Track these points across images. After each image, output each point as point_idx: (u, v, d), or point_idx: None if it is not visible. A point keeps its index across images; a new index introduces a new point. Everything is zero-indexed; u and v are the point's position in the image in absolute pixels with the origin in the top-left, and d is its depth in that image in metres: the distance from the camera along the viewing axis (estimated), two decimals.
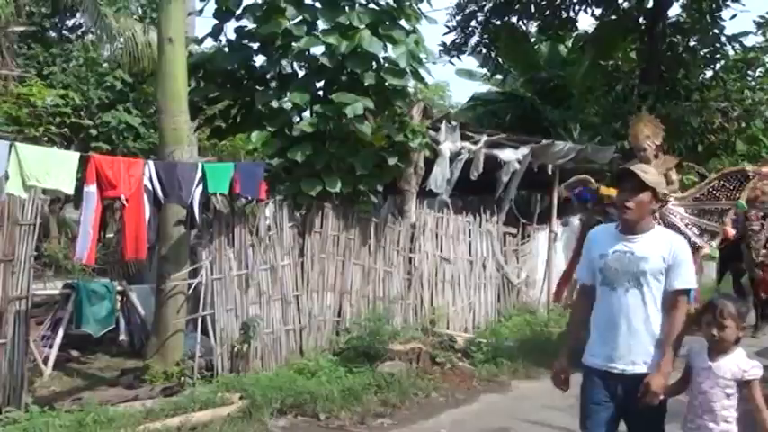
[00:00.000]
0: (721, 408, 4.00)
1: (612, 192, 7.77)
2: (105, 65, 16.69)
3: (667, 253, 4.14)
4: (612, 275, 4.22)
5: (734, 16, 18.03)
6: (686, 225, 8.83)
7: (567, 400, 7.79)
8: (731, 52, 18.70)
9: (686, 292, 4.16)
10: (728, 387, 3.99)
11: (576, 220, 13.21)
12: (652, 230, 4.25)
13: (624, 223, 4.24)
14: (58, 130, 14.41)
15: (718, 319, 3.97)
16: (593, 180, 9.56)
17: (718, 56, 18.38)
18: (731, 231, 9.30)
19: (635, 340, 4.14)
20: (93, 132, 15.36)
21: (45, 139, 14.00)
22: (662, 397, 4.01)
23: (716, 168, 16.09)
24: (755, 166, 10.37)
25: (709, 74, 18.79)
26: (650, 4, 18.25)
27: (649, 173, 4.26)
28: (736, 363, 3.99)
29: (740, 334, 4.02)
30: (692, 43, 18.36)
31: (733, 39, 18.17)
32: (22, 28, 15.74)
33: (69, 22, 18.46)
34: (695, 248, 8.44)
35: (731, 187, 8.79)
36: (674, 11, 18.71)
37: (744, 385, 4.00)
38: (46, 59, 16.40)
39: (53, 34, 18.32)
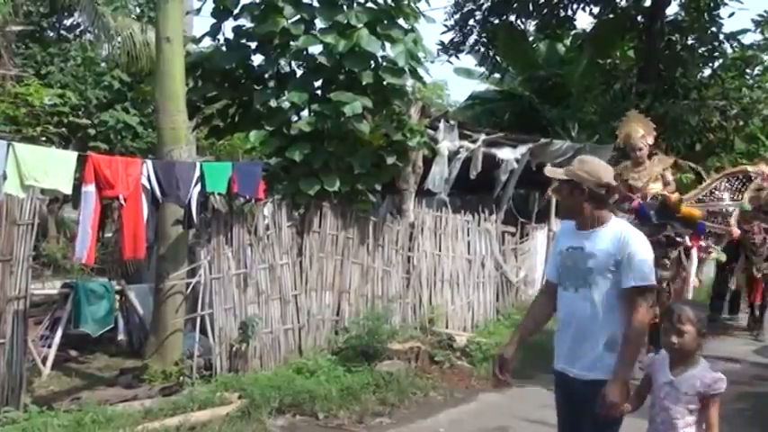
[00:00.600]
0: (684, 425, 3.72)
1: (690, 212, 8.63)
2: (103, 64, 16.72)
3: (616, 248, 3.86)
4: (565, 273, 4.06)
5: (732, 14, 18.05)
6: None
7: None
8: (729, 50, 18.72)
9: (642, 290, 3.81)
10: (692, 403, 3.72)
11: None
12: (607, 224, 3.98)
13: (567, 217, 4.19)
14: (56, 129, 14.42)
15: (676, 325, 3.68)
16: None
17: (716, 54, 18.39)
18: (737, 231, 9.14)
19: (585, 344, 3.93)
20: (92, 132, 15.37)
21: (43, 138, 14.00)
22: (624, 408, 3.79)
23: (714, 167, 16.12)
24: (754, 165, 10.30)
25: (707, 72, 18.80)
26: (648, 3, 18.26)
27: (574, 167, 4.05)
28: (700, 377, 3.70)
29: (701, 341, 3.71)
30: (690, 42, 18.37)
31: (731, 37, 18.18)
32: (19, 27, 15.74)
33: (67, 22, 18.45)
34: (707, 251, 8.79)
35: (733, 188, 8.77)
36: (673, 9, 18.74)
37: (707, 400, 3.72)
38: (44, 59, 16.40)
39: (51, 34, 18.31)
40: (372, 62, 9.64)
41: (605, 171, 4.02)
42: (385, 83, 9.67)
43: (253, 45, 10.00)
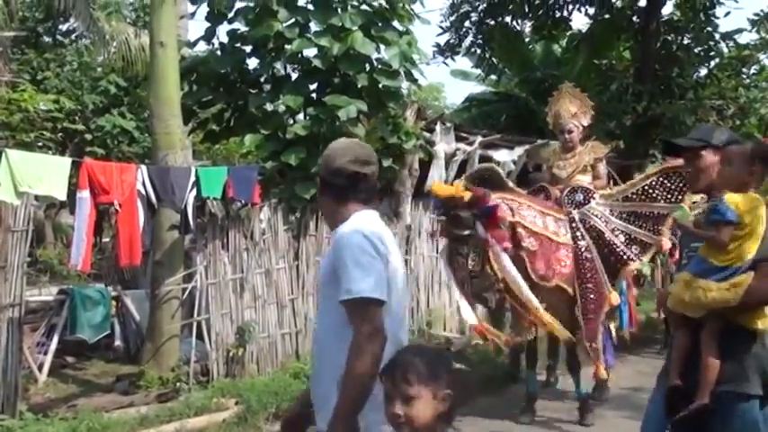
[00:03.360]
0: None
1: (455, 190, 6.38)
2: (99, 69, 16.69)
3: (332, 254, 3.03)
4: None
5: (728, 14, 18.03)
6: (612, 231, 7.12)
7: (565, 402, 7.82)
8: (725, 50, 18.69)
9: (358, 306, 2.82)
10: None
11: None
12: (342, 226, 3.08)
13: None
14: (52, 135, 14.39)
15: (401, 386, 2.42)
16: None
17: (712, 54, 18.36)
18: (667, 244, 6.99)
19: (316, 381, 3.14)
20: (88, 137, 15.36)
21: (39, 144, 13.99)
22: None
23: None
24: None
25: (703, 72, 18.77)
26: (643, 3, 18.24)
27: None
28: None
29: (444, 410, 2.44)
30: (686, 41, 18.34)
31: (727, 36, 18.16)
32: (14, 33, 15.71)
33: (63, 27, 18.46)
34: (622, 262, 7.01)
35: (672, 187, 6.91)
36: (668, 9, 18.71)
37: None
38: (40, 64, 16.38)
39: (47, 39, 18.32)
40: (367, 65, 9.63)
41: (344, 153, 3.14)
42: (380, 85, 9.66)
43: (247, 49, 9.99)
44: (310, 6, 9.75)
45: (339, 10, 9.59)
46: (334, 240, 3.04)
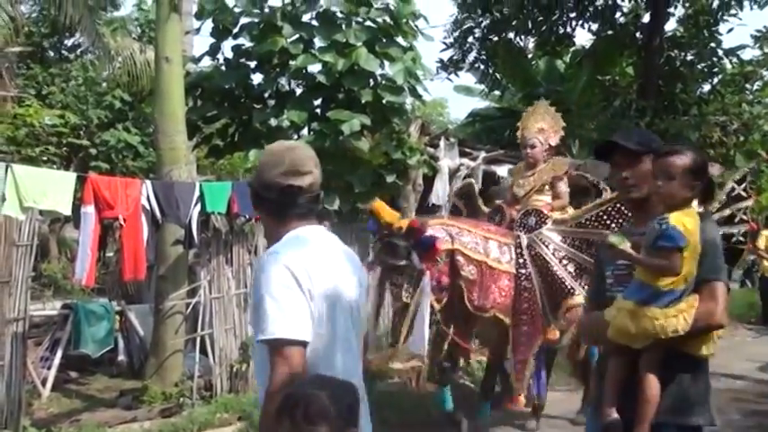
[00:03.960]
0: None
1: (395, 218, 6.12)
2: (104, 84, 16.75)
3: (252, 284, 2.75)
4: None
5: (731, 30, 18.14)
6: (560, 260, 6.62)
7: (571, 415, 7.78)
8: (729, 66, 18.77)
9: (272, 346, 2.50)
10: None
11: None
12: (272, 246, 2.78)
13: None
14: (57, 150, 14.44)
15: (301, 425, 2.20)
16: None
17: (715, 70, 18.44)
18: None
19: None
20: (93, 152, 15.40)
21: (44, 159, 14.03)
22: None
23: (716, 183, 16.09)
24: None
25: (706, 88, 18.85)
26: (647, 20, 18.32)
27: None
28: None
29: None
30: (689, 57, 18.42)
31: (730, 53, 18.24)
32: (20, 49, 15.79)
33: (68, 42, 18.50)
34: (563, 296, 6.50)
35: (629, 213, 5.93)
36: (671, 25, 18.80)
37: None
38: (45, 79, 16.44)
39: (52, 54, 18.37)
40: (371, 80, 9.65)
41: (275, 163, 2.76)
42: (384, 101, 9.67)
43: (252, 64, 10.02)
44: (315, 22, 9.79)
45: (343, 26, 9.64)
46: (256, 268, 2.71)
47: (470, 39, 19.96)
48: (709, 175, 3.21)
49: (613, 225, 6.32)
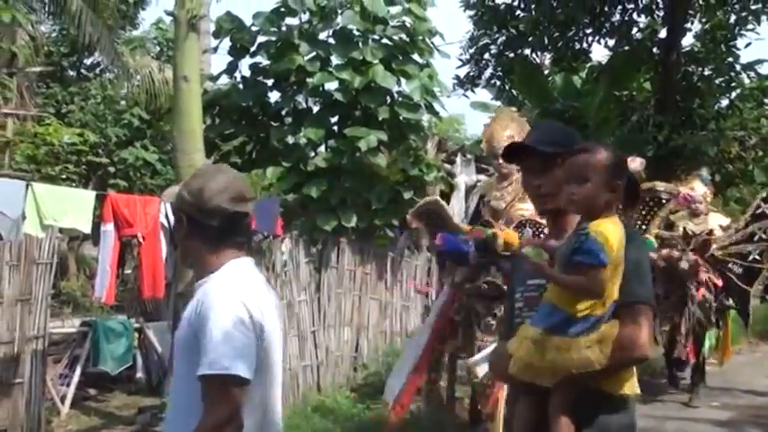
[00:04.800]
0: None
1: (514, 239, 5.64)
2: (123, 102, 16.88)
3: (195, 314, 2.48)
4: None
5: (749, 45, 17.99)
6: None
7: None
8: (747, 81, 18.65)
9: (216, 383, 2.35)
10: None
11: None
12: (215, 275, 2.57)
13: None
14: (76, 168, 14.54)
15: None
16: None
17: (733, 84, 18.31)
18: None
19: None
20: (111, 170, 15.50)
21: (63, 177, 14.13)
22: None
23: (734, 198, 15.99)
24: (685, 184, 8.62)
25: (725, 103, 18.71)
26: (664, 35, 18.25)
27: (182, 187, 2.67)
28: None
29: None
30: (707, 72, 18.30)
31: (748, 67, 18.12)
32: (40, 68, 15.95)
33: (87, 61, 18.69)
34: None
35: (635, 215, 6.11)
36: (688, 40, 18.72)
37: None
38: (64, 98, 16.60)
39: (71, 73, 18.57)
40: (388, 98, 9.70)
41: (223, 189, 2.58)
42: (401, 118, 9.71)
43: (269, 82, 10.10)
44: (332, 40, 9.86)
45: (360, 44, 9.70)
46: (202, 298, 2.49)
47: (486, 55, 19.95)
48: (629, 172, 2.68)
49: None
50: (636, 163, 6.21)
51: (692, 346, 8.61)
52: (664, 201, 6.14)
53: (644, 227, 5.92)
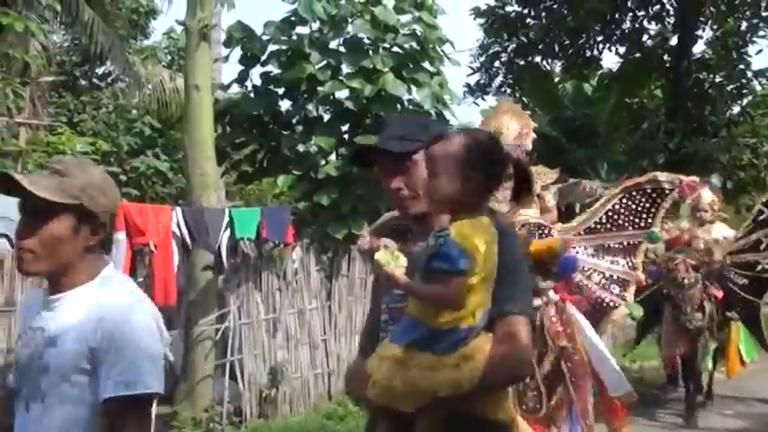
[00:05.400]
0: None
1: (543, 246, 5.08)
2: (134, 111, 16.95)
3: (91, 328, 2.14)
4: (20, 376, 2.26)
5: (760, 51, 17.98)
6: (583, 271, 5.57)
7: None
8: (758, 87, 18.62)
9: (134, 403, 2.11)
10: None
11: None
12: (87, 284, 2.24)
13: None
14: None
15: None
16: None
17: (745, 91, 18.29)
18: (642, 280, 5.70)
19: None
20: (123, 178, 15.55)
21: None
22: None
23: (746, 205, 15.90)
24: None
25: (736, 110, 18.68)
26: (674, 42, 18.25)
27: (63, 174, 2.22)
28: None
29: None
30: (718, 79, 18.29)
31: (760, 74, 18.08)
32: (53, 78, 16.04)
33: (99, 71, 18.77)
34: (603, 310, 5.51)
35: (639, 209, 5.59)
36: (699, 48, 18.70)
37: None
38: (76, 107, 16.67)
39: (83, 82, 18.64)
40: (399, 106, 9.71)
41: (112, 188, 2.34)
42: None
43: (280, 91, 10.12)
44: (342, 49, 9.88)
45: (370, 52, 9.71)
46: (99, 308, 2.17)
47: (497, 63, 19.99)
48: (504, 160, 2.34)
49: (626, 224, 5.52)
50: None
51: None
52: (667, 192, 5.54)
53: (648, 220, 5.50)
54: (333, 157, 9.95)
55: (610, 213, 5.63)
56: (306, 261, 9.05)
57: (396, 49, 9.99)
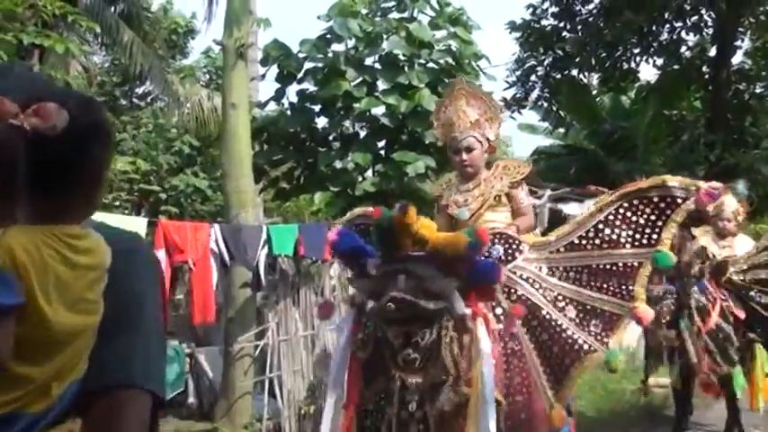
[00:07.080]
0: None
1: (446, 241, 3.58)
2: (173, 130, 17.14)
3: None
4: None
5: None
6: (555, 301, 4.25)
7: None
8: None
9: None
10: None
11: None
12: None
13: None
14: (128, 196, 14.78)
15: None
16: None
17: None
18: (648, 315, 4.15)
19: None
20: (163, 196, 15.71)
21: (116, 204, 14.36)
22: None
23: None
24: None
25: None
26: (713, 53, 18.05)
27: None
28: None
29: None
30: (758, 90, 18.06)
31: None
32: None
33: (139, 90, 19.05)
34: (580, 352, 4.11)
35: (641, 221, 4.22)
36: (738, 58, 18.49)
37: None
38: (117, 127, 16.87)
39: (123, 102, 18.91)
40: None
41: None
42: None
43: (317, 108, 10.19)
44: (378, 65, 9.93)
45: (406, 68, 9.74)
46: None
47: (533, 77, 19.91)
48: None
49: (623, 240, 4.21)
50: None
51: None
52: (679, 200, 4.17)
53: (654, 236, 4.16)
54: (369, 173, 9.97)
55: (600, 226, 4.28)
56: (343, 277, 9.05)
57: (431, 64, 10.01)
